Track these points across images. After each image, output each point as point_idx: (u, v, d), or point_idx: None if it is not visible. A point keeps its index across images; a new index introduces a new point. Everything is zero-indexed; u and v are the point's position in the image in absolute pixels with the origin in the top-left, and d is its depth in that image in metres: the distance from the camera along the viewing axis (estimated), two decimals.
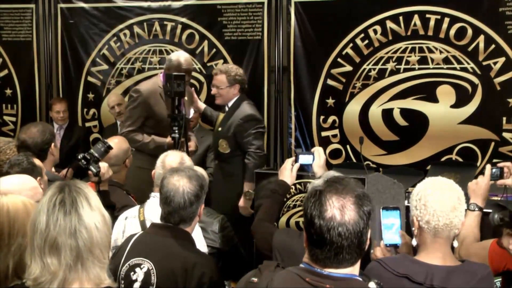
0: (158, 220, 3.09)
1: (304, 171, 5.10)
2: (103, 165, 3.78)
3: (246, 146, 4.89)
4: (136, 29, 6.58)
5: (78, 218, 1.84)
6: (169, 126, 5.02)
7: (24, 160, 3.52)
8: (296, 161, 3.63)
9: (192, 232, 3.01)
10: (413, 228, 2.55)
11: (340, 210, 1.91)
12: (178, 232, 2.91)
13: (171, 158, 3.53)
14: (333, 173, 3.26)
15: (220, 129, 4.92)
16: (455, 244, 2.55)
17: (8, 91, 7.16)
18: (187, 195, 2.87)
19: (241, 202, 4.99)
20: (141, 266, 2.84)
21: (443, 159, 5.56)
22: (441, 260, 2.47)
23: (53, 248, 1.82)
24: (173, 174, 2.93)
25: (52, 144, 4.09)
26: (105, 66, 6.74)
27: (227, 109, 4.97)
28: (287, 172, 3.60)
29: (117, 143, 4.21)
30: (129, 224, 3.44)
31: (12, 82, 7.14)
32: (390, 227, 2.79)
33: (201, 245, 3.30)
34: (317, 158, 3.68)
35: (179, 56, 5.05)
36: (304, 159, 3.65)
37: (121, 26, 6.62)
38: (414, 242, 2.57)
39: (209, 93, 5.68)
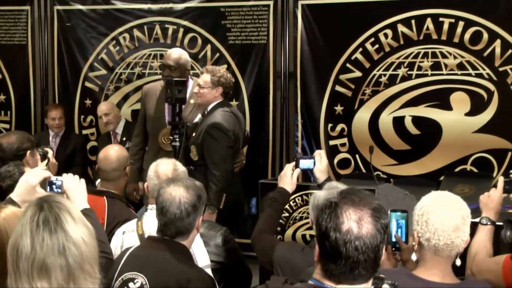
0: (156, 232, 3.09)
1: (310, 182, 5.12)
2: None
3: (210, 163, 4.78)
4: (136, 32, 6.61)
5: (65, 235, 1.81)
6: (158, 127, 5.23)
7: (16, 171, 3.48)
8: (296, 166, 3.63)
9: (191, 246, 3.01)
10: (413, 243, 2.57)
11: (357, 223, 1.88)
12: (174, 245, 2.89)
13: (164, 167, 3.54)
14: (335, 183, 3.26)
15: (194, 134, 4.94)
16: (458, 262, 2.56)
17: (2, 97, 7.19)
18: (184, 205, 2.86)
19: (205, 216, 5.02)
20: (135, 281, 2.83)
21: (457, 169, 5.55)
22: (439, 277, 2.48)
23: (42, 270, 1.79)
24: (170, 184, 2.93)
25: (28, 153, 4.09)
26: (103, 71, 6.77)
27: (206, 113, 4.98)
28: (287, 179, 3.59)
29: (117, 150, 4.28)
30: (127, 238, 3.44)
31: (5, 88, 7.16)
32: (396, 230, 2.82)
33: (203, 258, 3.31)
34: (318, 162, 3.68)
35: (171, 50, 5.27)
36: (304, 163, 3.65)
37: (120, 30, 6.64)
38: (414, 257, 2.58)
39: None
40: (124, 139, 6.13)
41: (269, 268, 3.33)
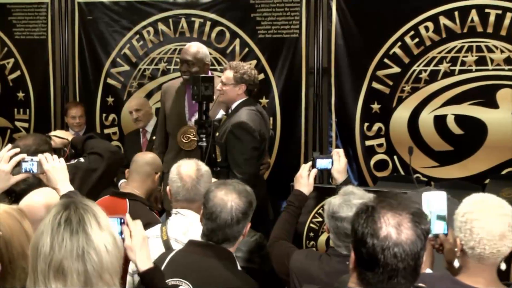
0: (183, 239, 3.10)
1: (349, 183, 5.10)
2: None
3: (234, 165, 4.78)
4: (161, 26, 6.64)
5: (86, 239, 1.82)
6: (178, 126, 5.30)
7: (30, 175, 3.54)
8: (313, 166, 3.62)
9: (234, 252, 3.02)
10: (456, 249, 2.56)
11: (396, 228, 1.89)
12: (220, 251, 2.91)
13: (186, 167, 3.55)
14: (351, 188, 3.24)
15: (217, 133, 4.95)
16: (503, 266, 2.54)
17: (20, 94, 7.28)
18: (235, 211, 2.88)
19: None
20: None
21: (503, 172, 5.50)
22: (484, 284, 2.48)
23: (58, 272, 1.80)
24: (220, 187, 2.94)
25: None
26: (126, 67, 6.81)
27: (230, 111, 5.00)
28: (304, 180, 3.58)
29: (152, 157, 4.51)
30: (151, 244, 3.46)
31: (24, 85, 7.25)
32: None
33: None
34: (336, 162, 3.66)
35: (189, 44, 5.33)
36: (322, 163, 3.65)
37: (144, 23, 6.68)
38: (456, 263, 2.57)
39: None
40: (154, 137, 6.16)
41: (285, 277, 3.33)
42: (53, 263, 1.80)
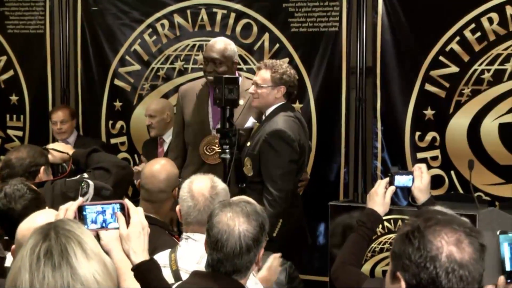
0: (194, 268, 3.10)
1: (393, 204, 5.09)
2: None
3: (268, 180, 4.80)
4: (177, 18, 6.67)
5: (72, 273, 1.79)
6: (200, 136, 5.32)
7: (25, 189, 3.54)
8: (390, 183, 3.62)
9: (246, 283, 3.03)
10: None
11: (458, 247, 1.91)
12: (230, 283, 2.90)
13: (199, 184, 3.56)
14: (440, 208, 3.23)
15: (249, 143, 4.95)
16: None
17: (14, 98, 7.33)
18: (244, 239, 2.85)
19: None
20: None
21: None
22: None
23: None
24: (225, 210, 2.90)
25: (42, 169, 4.20)
26: (137, 66, 6.85)
27: (263, 118, 5.01)
28: (379, 199, 3.57)
29: (166, 166, 4.38)
30: None
31: (18, 86, 7.30)
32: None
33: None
34: (417, 179, 3.66)
35: (214, 40, 5.39)
36: (401, 180, 3.65)
37: (158, 15, 6.72)
38: None
39: None
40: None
41: None
42: None
